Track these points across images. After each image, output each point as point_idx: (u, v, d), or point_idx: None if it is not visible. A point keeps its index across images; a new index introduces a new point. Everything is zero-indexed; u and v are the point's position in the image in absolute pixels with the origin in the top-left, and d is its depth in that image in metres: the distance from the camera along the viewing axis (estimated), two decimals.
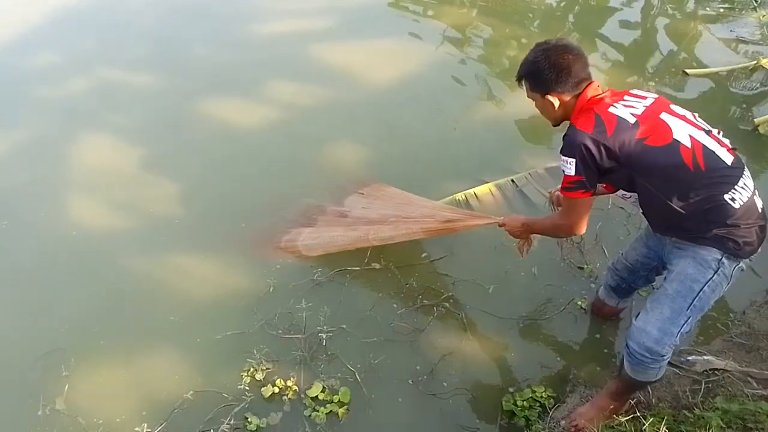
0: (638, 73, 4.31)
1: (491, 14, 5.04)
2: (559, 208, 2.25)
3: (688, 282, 1.80)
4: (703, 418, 1.99)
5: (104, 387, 2.34)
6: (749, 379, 2.25)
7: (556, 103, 1.84)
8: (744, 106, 3.98)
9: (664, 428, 1.87)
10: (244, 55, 4.42)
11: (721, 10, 5.24)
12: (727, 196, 1.70)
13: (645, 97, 1.80)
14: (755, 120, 3.71)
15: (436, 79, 4.17)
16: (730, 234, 1.73)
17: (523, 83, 1.93)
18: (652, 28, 4.97)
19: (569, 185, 1.80)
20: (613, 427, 2.05)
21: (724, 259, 1.76)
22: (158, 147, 3.55)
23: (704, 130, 1.75)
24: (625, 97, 1.79)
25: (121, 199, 3.18)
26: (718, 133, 1.79)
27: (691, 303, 1.79)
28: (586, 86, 1.81)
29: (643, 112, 1.73)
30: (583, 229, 1.93)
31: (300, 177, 3.31)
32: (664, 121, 1.73)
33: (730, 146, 1.78)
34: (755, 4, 5.22)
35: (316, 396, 2.26)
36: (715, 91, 4.11)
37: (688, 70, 4.19)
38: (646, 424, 1.92)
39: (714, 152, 1.72)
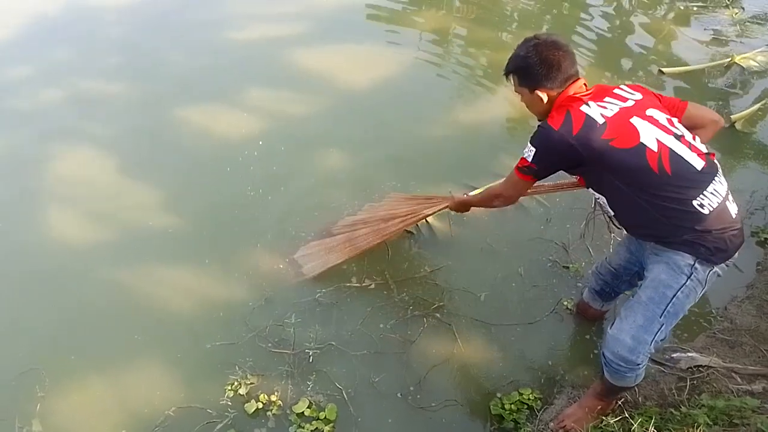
0: (614, 73, 4.34)
1: (468, 18, 5.05)
2: None
3: (661, 288, 1.80)
4: (689, 415, 1.99)
5: (82, 406, 2.27)
6: (733, 374, 2.26)
7: (545, 98, 1.86)
8: (720, 103, 4.04)
9: (652, 428, 1.87)
10: (220, 61, 4.36)
11: (695, 8, 5.32)
12: (695, 202, 1.70)
13: (626, 99, 1.80)
14: (732, 117, 3.76)
15: (415, 82, 4.16)
16: (700, 239, 1.72)
17: (512, 78, 1.95)
18: (628, 28, 5.03)
19: (522, 167, 1.91)
20: (601, 427, 2.05)
21: (697, 265, 1.75)
22: (135, 156, 3.47)
23: (675, 135, 1.74)
24: (606, 98, 1.80)
25: (98, 211, 3.10)
26: (693, 138, 1.78)
27: (665, 309, 1.79)
28: (572, 83, 1.84)
29: (614, 114, 1.74)
30: (514, 202, 2.19)
31: (282, 183, 3.26)
32: (632, 124, 1.74)
33: (705, 151, 1.77)
34: (727, 2, 5.31)
35: (302, 412, 2.20)
36: (691, 89, 4.16)
37: (663, 69, 4.23)
38: (635, 425, 1.91)
39: (682, 157, 1.71)
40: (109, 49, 4.56)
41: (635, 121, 1.75)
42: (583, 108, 1.76)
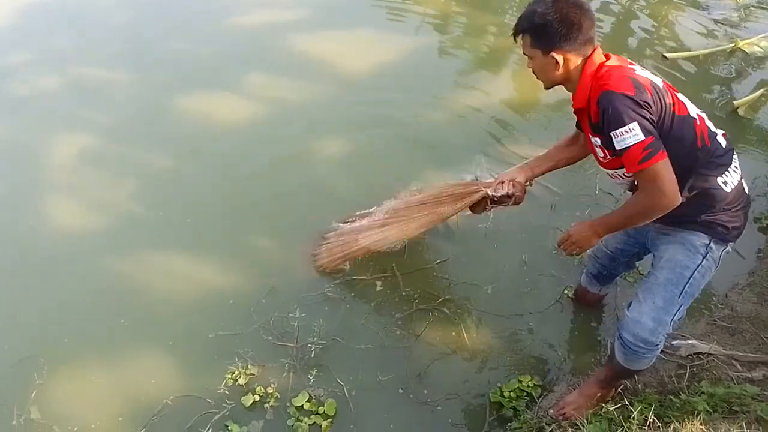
0: None
1: (470, 3, 4.99)
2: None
3: (678, 269, 1.78)
4: (689, 402, 1.98)
5: (80, 393, 2.26)
6: (733, 362, 2.26)
7: (561, 61, 1.68)
8: (723, 88, 4.00)
9: (652, 415, 1.86)
10: (221, 48, 4.31)
11: None
12: (720, 180, 1.69)
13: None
14: (734, 102, 3.73)
15: (418, 66, 4.12)
16: (718, 219, 1.72)
17: (522, 38, 1.74)
18: (631, 13, 4.96)
19: (645, 152, 1.54)
20: (601, 414, 2.04)
21: (712, 244, 1.75)
22: (135, 144, 3.43)
23: (704, 111, 1.75)
24: (635, 66, 1.69)
25: (98, 198, 3.07)
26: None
27: (683, 290, 1.78)
28: (592, 52, 1.68)
29: (663, 82, 1.68)
30: (679, 194, 1.61)
31: (287, 169, 3.24)
32: (678, 96, 1.69)
33: (722, 132, 1.77)
34: None
35: (301, 405, 2.18)
36: (694, 74, 4.12)
37: (667, 54, 4.18)
38: (635, 412, 1.90)
39: (716, 134, 1.72)
40: (109, 36, 4.51)
41: (678, 94, 1.70)
42: (640, 72, 1.64)
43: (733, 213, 1.72)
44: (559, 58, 1.68)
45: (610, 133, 1.57)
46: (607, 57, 1.71)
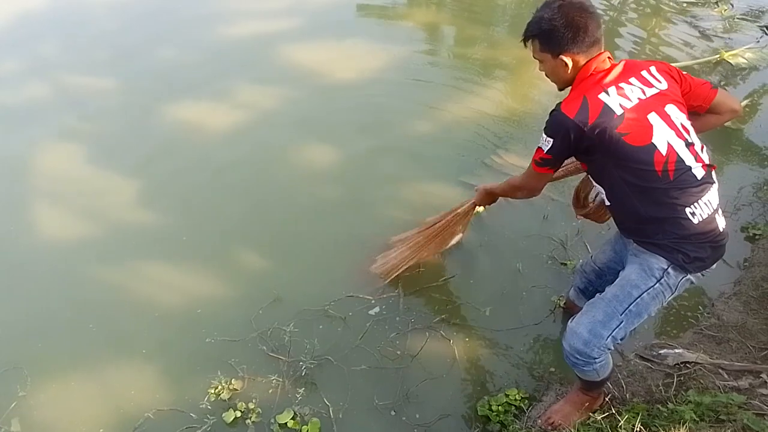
0: None
1: (459, 14, 5.03)
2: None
3: (627, 287, 1.81)
4: (676, 411, 1.99)
5: (63, 405, 2.23)
6: (720, 370, 2.26)
7: (570, 63, 1.74)
8: None
9: (639, 424, 1.86)
10: (211, 57, 4.33)
11: (684, 4, 5.33)
12: (688, 210, 1.69)
13: (651, 86, 1.73)
14: None
15: (409, 77, 4.14)
16: (681, 247, 1.72)
17: (532, 43, 1.81)
18: (618, 25, 5.03)
19: (540, 160, 1.81)
20: (588, 424, 2.04)
21: (670, 270, 1.76)
22: (123, 152, 3.43)
23: (686, 141, 1.71)
24: (630, 80, 1.72)
25: (84, 208, 3.06)
26: (702, 149, 1.75)
27: (627, 308, 1.79)
28: (595, 56, 1.74)
29: (633, 107, 1.68)
30: (538, 194, 2.05)
31: (278, 178, 3.25)
32: (648, 121, 1.68)
33: (707, 162, 1.75)
34: None
35: (285, 423, 2.15)
36: None
37: None
38: (622, 421, 1.91)
39: (687, 165, 1.70)
40: (98, 44, 4.51)
41: (652, 117, 1.69)
42: (602, 96, 1.68)
43: (698, 244, 1.72)
44: (568, 60, 1.74)
45: (543, 131, 1.79)
46: (614, 65, 1.74)
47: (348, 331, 2.49)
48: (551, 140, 1.74)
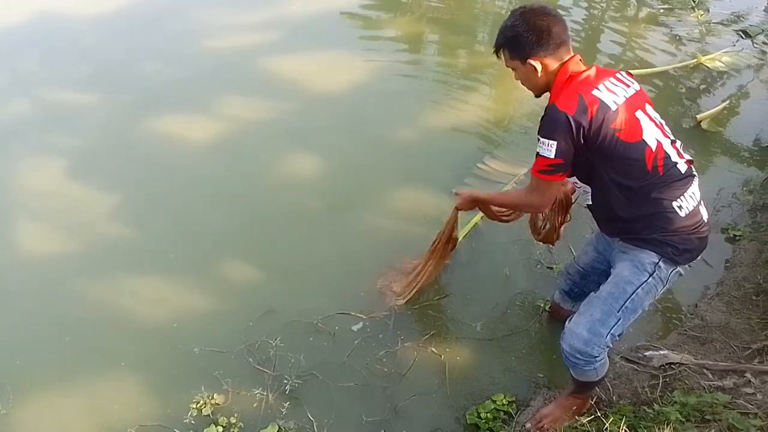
0: None
1: (442, 24, 5.08)
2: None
3: (621, 284, 1.83)
4: (662, 412, 2.00)
5: (47, 422, 2.20)
6: (705, 371, 2.29)
7: (539, 67, 1.76)
8: (687, 102, 4.11)
9: (625, 426, 1.87)
10: (194, 71, 4.32)
11: (661, 10, 5.43)
12: (675, 204, 1.73)
13: (629, 85, 1.77)
14: (697, 116, 3.83)
15: (390, 86, 4.16)
16: (670, 240, 1.76)
17: (502, 53, 1.84)
18: (596, 31, 5.10)
19: (547, 168, 1.74)
20: (576, 427, 2.05)
21: (660, 263, 1.79)
22: (107, 168, 3.41)
23: (670, 139, 1.78)
24: (611, 79, 1.75)
25: (67, 224, 3.03)
26: (681, 146, 1.81)
27: (623, 304, 1.82)
28: (568, 59, 1.76)
29: (623, 102, 1.71)
30: (548, 207, 2.03)
31: (263, 191, 3.24)
32: (637, 118, 1.72)
33: (688, 158, 1.80)
34: (693, 4, 5.43)
35: None
36: (658, 90, 4.24)
37: (632, 71, 4.28)
38: (607, 423, 1.92)
39: (673, 160, 1.75)
40: (81, 59, 4.49)
41: (639, 115, 1.73)
42: (596, 92, 1.69)
43: (686, 236, 1.76)
44: (537, 64, 1.76)
45: (538, 135, 1.75)
46: (588, 68, 1.76)
47: (336, 348, 2.46)
48: (554, 143, 1.69)
